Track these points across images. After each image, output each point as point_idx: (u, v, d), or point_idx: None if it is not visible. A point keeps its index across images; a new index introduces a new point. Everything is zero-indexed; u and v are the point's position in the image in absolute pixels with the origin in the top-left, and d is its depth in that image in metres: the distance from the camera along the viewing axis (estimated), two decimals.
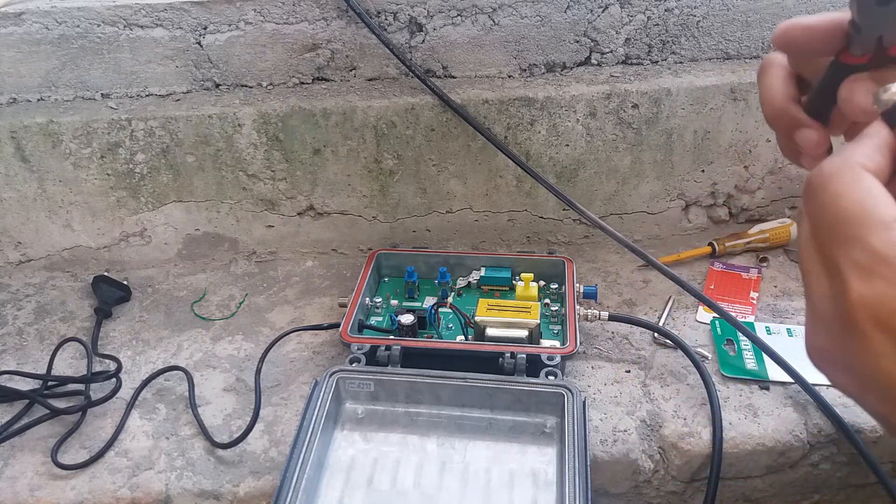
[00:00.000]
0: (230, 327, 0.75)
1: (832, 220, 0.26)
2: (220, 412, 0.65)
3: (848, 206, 0.26)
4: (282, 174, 0.79)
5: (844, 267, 0.25)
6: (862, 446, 0.60)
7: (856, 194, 0.26)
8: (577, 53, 0.79)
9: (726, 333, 0.70)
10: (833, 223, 0.26)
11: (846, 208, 0.26)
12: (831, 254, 0.26)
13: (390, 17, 0.75)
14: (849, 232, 0.25)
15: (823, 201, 0.26)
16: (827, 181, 0.27)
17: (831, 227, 0.26)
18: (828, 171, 0.27)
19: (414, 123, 0.76)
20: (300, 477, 0.52)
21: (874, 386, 0.25)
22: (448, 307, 0.70)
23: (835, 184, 0.26)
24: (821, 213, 0.27)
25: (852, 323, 0.25)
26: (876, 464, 0.60)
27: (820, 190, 0.27)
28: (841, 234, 0.26)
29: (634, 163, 0.80)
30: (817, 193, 0.27)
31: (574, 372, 0.67)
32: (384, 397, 0.61)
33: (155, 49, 0.75)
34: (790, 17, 0.84)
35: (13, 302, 0.80)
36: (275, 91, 0.78)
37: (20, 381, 0.68)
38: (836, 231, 0.26)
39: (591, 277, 0.80)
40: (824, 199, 0.26)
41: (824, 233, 0.27)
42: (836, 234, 0.26)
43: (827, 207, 0.26)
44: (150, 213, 0.81)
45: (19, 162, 0.77)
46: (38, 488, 0.58)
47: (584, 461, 0.53)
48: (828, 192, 0.26)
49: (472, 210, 0.83)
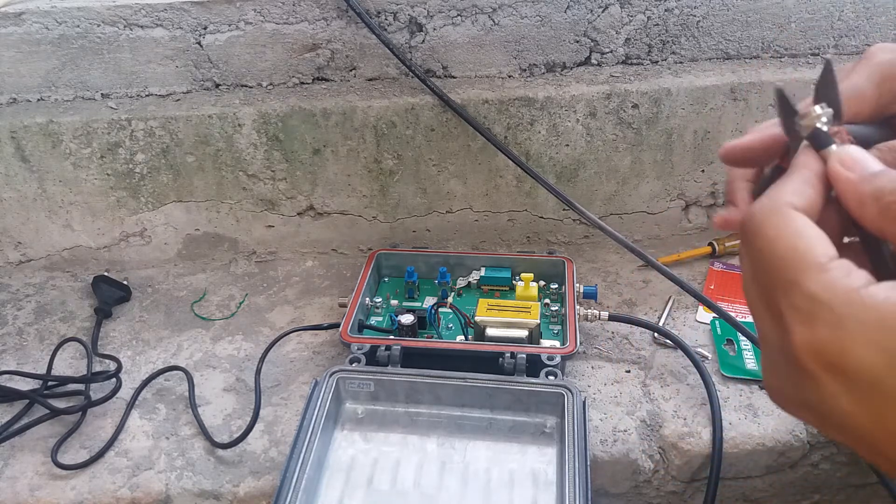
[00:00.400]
0: (230, 327, 0.75)
1: (768, 265, 0.26)
2: (220, 412, 0.65)
3: (781, 251, 0.25)
4: (282, 174, 0.79)
5: (786, 312, 0.25)
6: None
7: (787, 238, 0.25)
8: (577, 53, 0.79)
9: (726, 333, 0.70)
10: (769, 269, 0.26)
11: (779, 254, 0.25)
12: (772, 298, 0.26)
13: (390, 17, 0.75)
14: (785, 277, 0.25)
15: (758, 246, 0.26)
16: (759, 226, 0.26)
17: (768, 272, 0.26)
18: (759, 216, 0.27)
19: (414, 123, 0.76)
20: (300, 477, 0.52)
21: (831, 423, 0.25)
22: (448, 307, 0.70)
23: (766, 228, 0.26)
24: (758, 256, 0.26)
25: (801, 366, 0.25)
26: None
27: (753, 235, 0.27)
28: (778, 279, 0.25)
29: (634, 163, 0.80)
30: (751, 238, 0.27)
31: (574, 372, 0.67)
32: (384, 397, 0.61)
33: (155, 49, 0.75)
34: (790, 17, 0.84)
35: (13, 302, 0.80)
36: (275, 91, 0.78)
37: (20, 381, 0.68)
38: (773, 276, 0.26)
39: (591, 277, 0.80)
40: (758, 244, 0.26)
41: (762, 277, 0.26)
42: (774, 280, 0.26)
43: (762, 253, 0.26)
44: (150, 213, 0.81)
45: (19, 162, 0.77)
46: (38, 488, 0.58)
47: (584, 461, 0.53)
48: (760, 237, 0.26)
49: (472, 210, 0.83)
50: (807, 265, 0.25)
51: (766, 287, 0.26)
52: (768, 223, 0.26)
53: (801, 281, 0.24)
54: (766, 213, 0.26)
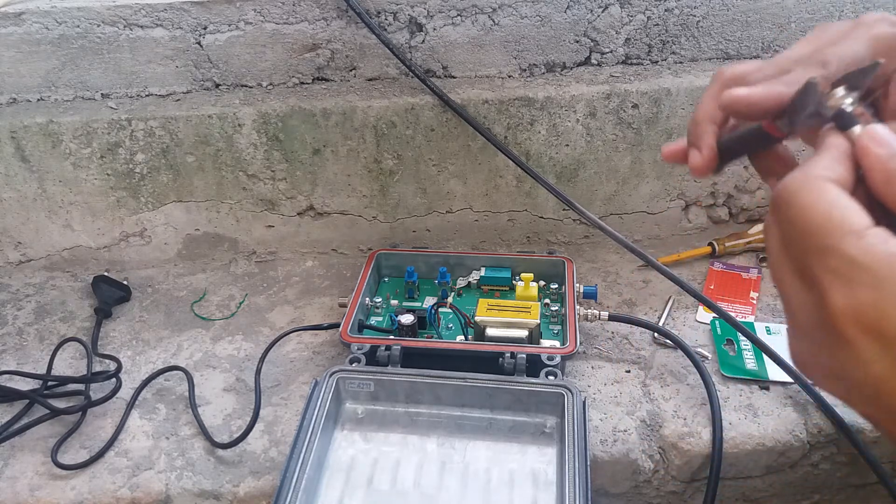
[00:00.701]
0: (230, 327, 0.75)
1: (802, 232, 0.26)
2: (220, 412, 0.65)
3: (816, 218, 0.26)
4: (282, 174, 0.79)
5: (823, 277, 0.25)
6: (862, 446, 0.60)
7: (822, 206, 0.26)
8: (577, 53, 0.79)
9: (726, 333, 0.70)
10: (804, 235, 0.26)
11: (815, 220, 0.26)
12: (806, 265, 0.26)
13: (390, 17, 0.75)
14: (821, 243, 0.25)
15: (791, 216, 0.27)
16: (793, 196, 0.27)
17: (802, 239, 0.26)
18: (792, 186, 0.27)
19: (414, 123, 0.76)
20: (300, 477, 0.52)
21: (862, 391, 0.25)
22: (448, 307, 0.70)
23: (801, 198, 0.26)
24: (790, 227, 0.27)
25: (837, 331, 0.25)
26: (876, 464, 0.60)
27: (786, 205, 0.27)
28: (813, 245, 0.26)
29: (634, 163, 0.80)
30: (784, 209, 0.27)
31: (574, 372, 0.67)
32: (384, 397, 0.61)
33: (155, 49, 0.75)
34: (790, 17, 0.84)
35: (13, 302, 0.80)
36: (275, 91, 0.78)
37: (20, 381, 0.68)
38: (808, 243, 0.26)
39: (591, 277, 0.80)
40: (791, 213, 0.27)
41: (796, 246, 0.26)
42: (809, 246, 0.26)
43: (795, 221, 0.26)
44: (150, 213, 0.81)
45: (19, 162, 0.77)
46: (38, 488, 0.58)
47: (584, 461, 0.53)
48: (794, 206, 0.27)
49: (472, 210, 0.83)
50: (844, 231, 0.25)
51: (800, 255, 0.26)
52: (803, 192, 0.26)
53: (840, 245, 0.25)
54: (801, 183, 0.27)
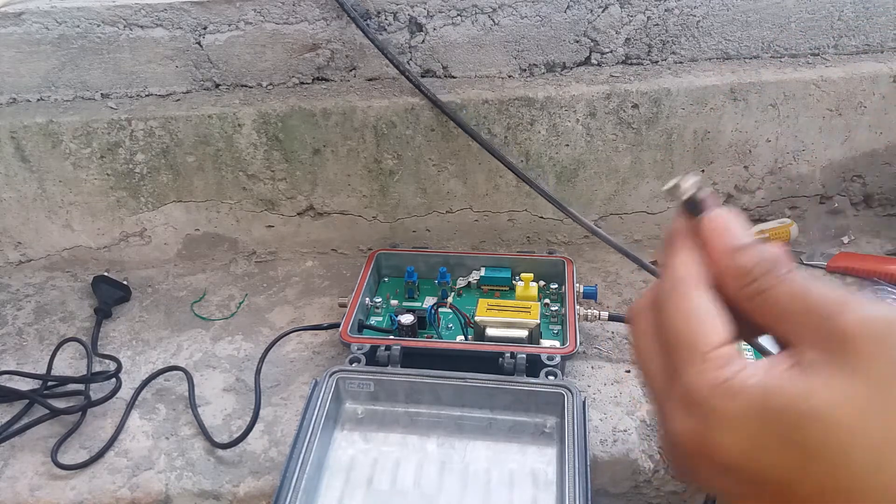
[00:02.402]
0: (230, 327, 0.75)
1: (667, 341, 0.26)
2: (220, 412, 0.65)
3: (674, 332, 0.26)
4: (282, 174, 0.79)
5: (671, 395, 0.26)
6: None
7: (681, 318, 0.26)
8: (577, 53, 0.79)
9: None
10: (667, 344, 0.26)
11: (673, 333, 0.26)
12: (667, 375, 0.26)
13: (390, 17, 0.75)
14: (675, 359, 0.26)
15: (661, 324, 0.27)
16: (663, 302, 0.27)
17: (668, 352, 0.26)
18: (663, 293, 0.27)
19: (414, 123, 0.76)
20: (300, 477, 0.52)
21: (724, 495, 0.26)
22: (448, 307, 0.70)
23: (668, 306, 0.26)
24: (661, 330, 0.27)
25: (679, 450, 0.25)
26: None
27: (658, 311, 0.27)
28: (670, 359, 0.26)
29: (634, 163, 0.80)
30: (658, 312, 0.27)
31: (574, 372, 0.67)
32: (384, 397, 0.61)
33: (155, 49, 0.75)
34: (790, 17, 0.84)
35: (13, 302, 0.80)
36: (275, 91, 0.78)
37: (20, 381, 0.68)
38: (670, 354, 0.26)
39: (591, 277, 0.80)
40: (661, 318, 0.27)
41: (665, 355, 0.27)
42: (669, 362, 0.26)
43: (663, 327, 0.27)
44: (150, 213, 0.81)
45: (19, 162, 0.77)
46: (38, 488, 0.58)
47: (584, 461, 0.53)
48: (664, 311, 0.27)
49: (472, 210, 0.83)
50: (690, 355, 0.25)
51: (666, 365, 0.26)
52: (669, 302, 0.27)
53: (683, 371, 0.25)
54: (668, 291, 0.27)
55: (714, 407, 0.24)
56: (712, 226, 0.28)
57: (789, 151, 0.82)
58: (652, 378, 0.28)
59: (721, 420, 0.24)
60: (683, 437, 0.25)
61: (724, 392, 0.24)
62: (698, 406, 0.24)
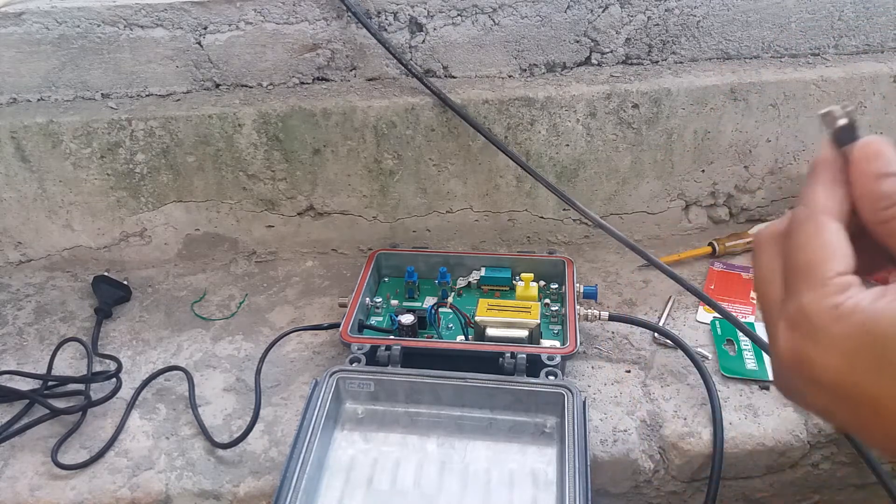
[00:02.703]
0: (230, 327, 0.75)
1: (794, 266, 0.28)
2: (220, 412, 0.65)
3: (803, 259, 0.27)
4: (282, 174, 0.79)
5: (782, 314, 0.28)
6: (862, 446, 0.60)
7: (812, 248, 0.27)
8: (577, 53, 0.79)
9: (726, 333, 0.70)
10: (793, 270, 0.28)
11: (804, 259, 0.27)
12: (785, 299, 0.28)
13: (390, 17, 0.75)
14: (797, 283, 0.27)
15: (790, 247, 0.28)
16: (794, 231, 0.28)
17: (790, 276, 0.28)
18: (799, 219, 0.28)
19: (414, 123, 0.76)
20: (300, 477, 0.52)
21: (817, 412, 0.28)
22: (448, 307, 0.70)
23: (799, 235, 0.28)
24: (788, 256, 0.28)
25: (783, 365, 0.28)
26: (876, 464, 0.60)
27: (789, 237, 0.28)
28: (793, 285, 0.27)
29: (634, 163, 0.80)
30: (789, 239, 0.29)
31: (574, 372, 0.67)
32: (384, 397, 0.61)
33: (155, 49, 0.75)
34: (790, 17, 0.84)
35: (13, 302, 0.80)
36: (275, 91, 0.78)
37: (20, 381, 0.68)
38: (790, 281, 0.28)
39: (591, 277, 0.80)
40: (792, 245, 0.28)
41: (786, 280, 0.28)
42: (790, 285, 0.28)
43: (792, 254, 0.28)
44: (150, 213, 0.81)
45: (19, 162, 0.77)
46: (38, 488, 0.58)
47: (584, 461, 0.53)
48: (796, 239, 0.28)
49: (472, 210, 0.83)
50: (811, 279, 0.27)
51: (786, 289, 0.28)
52: (802, 230, 0.28)
53: (802, 292, 0.27)
54: (802, 220, 0.28)
55: (819, 327, 0.26)
56: (864, 151, 0.28)
57: (789, 151, 0.82)
58: (769, 300, 0.29)
59: (822, 340, 0.25)
60: (785, 354, 0.27)
61: (833, 315, 0.25)
62: (804, 325, 0.26)
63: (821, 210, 0.28)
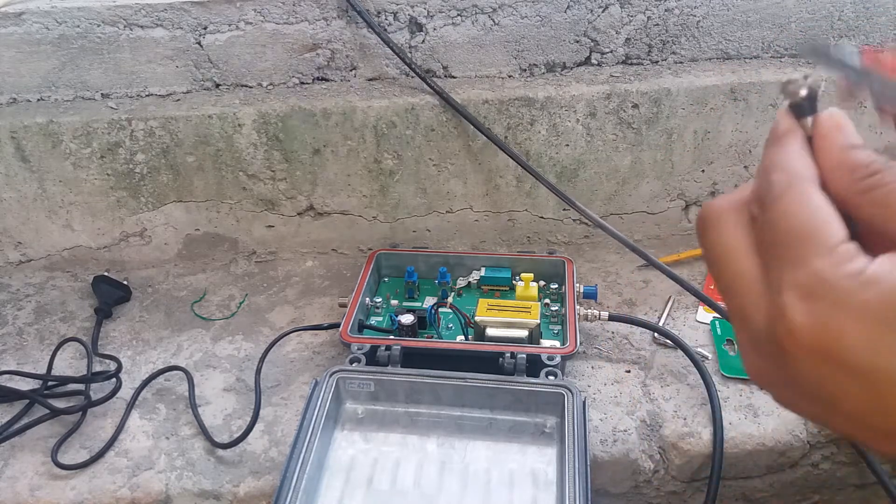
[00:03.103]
0: (230, 327, 0.75)
1: (781, 238, 0.25)
2: (220, 412, 0.65)
3: (796, 228, 0.25)
4: (282, 174, 0.79)
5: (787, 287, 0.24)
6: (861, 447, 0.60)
7: (804, 215, 0.25)
8: (577, 53, 0.79)
9: (726, 333, 0.70)
10: (781, 242, 0.25)
11: (794, 230, 0.25)
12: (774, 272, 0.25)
13: (390, 17, 0.75)
14: (796, 253, 0.24)
15: (773, 218, 0.26)
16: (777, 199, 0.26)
17: (779, 245, 0.25)
18: (777, 188, 0.26)
19: (414, 123, 0.76)
20: (300, 477, 0.52)
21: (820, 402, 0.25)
22: (448, 307, 0.70)
23: (784, 203, 0.25)
24: (769, 229, 0.26)
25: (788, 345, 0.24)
26: (876, 464, 0.60)
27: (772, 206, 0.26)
28: (788, 254, 0.25)
29: (634, 163, 0.80)
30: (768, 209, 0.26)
31: (574, 372, 0.67)
32: (384, 397, 0.61)
33: (155, 49, 0.75)
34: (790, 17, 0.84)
35: (13, 302, 0.80)
36: (275, 91, 0.78)
37: (20, 381, 0.68)
38: (784, 251, 0.25)
39: (591, 277, 0.80)
40: (774, 215, 0.26)
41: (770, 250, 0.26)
42: (783, 254, 0.25)
43: (776, 225, 0.25)
44: (150, 213, 0.81)
45: (19, 162, 0.77)
46: (38, 488, 0.58)
47: (584, 461, 0.53)
48: (779, 209, 0.25)
49: (472, 210, 0.83)
50: (817, 245, 0.24)
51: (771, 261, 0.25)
52: (786, 197, 0.25)
53: (812, 259, 0.24)
54: (786, 186, 0.26)
55: (846, 295, 0.23)
56: (830, 123, 0.27)
57: None
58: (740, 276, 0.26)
59: (852, 308, 0.23)
60: (802, 331, 0.24)
61: (861, 281, 0.23)
62: (829, 294, 0.23)
63: (799, 175, 0.26)
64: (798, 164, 0.26)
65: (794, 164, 0.26)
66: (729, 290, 0.27)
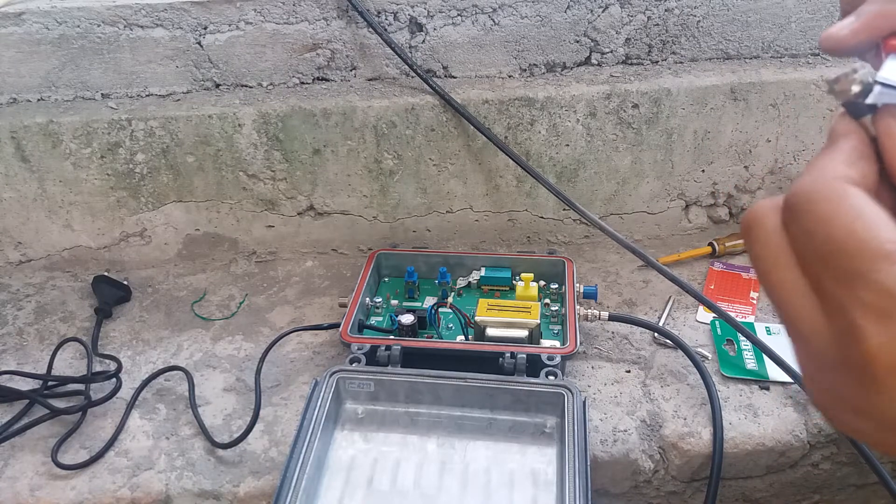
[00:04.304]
0: (230, 327, 0.75)
1: (823, 251, 0.22)
2: (220, 412, 0.65)
3: (839, 235, 0.22)
4: (282, 174, 0.79)
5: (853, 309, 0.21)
6: (862, 446, 0.60)
7: (845, 218, 0.22)
8: (577, 53, 0.79)
9: (726, 333, 0.70)
10: (825, 254, 0.22)
11: (838, 237, 0.22)
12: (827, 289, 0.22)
13: (391, 17, 0.75)
14: (848, 266, 0.21)
15: (808, 228, 0.23)
16: (809, 203, 0.23)
17: (824, 258, 0.22)
18: (808, 191, 0.23)
19: (414, 123, 0.76)
20: (300, 477, 0.52)
21: None
22: (448, 307, 0.70)
23: (819, 207, 0.22)
24: (807, 240, 0.23)
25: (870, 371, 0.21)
26: (876, 464, 0.60)
27: (803, 213, 0.23)
28: (837, 267, 0.22)
29: (634, 163, 0.80)
30: (800, 218, 0.23)
31: (574, 372, 0.67)
32: (384, 397, 0.61)
33: (155, 49, 0.75)
34: (790, 17, 0.84)
35: (13, 302, 0.80)
36: (275, 91, 0.78)
37: (20, 381, 0.68)
38: (832, 264, 0.22)
39: (591, 277, 0.80)
40: (809, 225, 0.23)
41: (815, 264, 0.23)
42: (833, 268, 0.22)
43: (814, 235, 0.22)
44: (150, 213, 0.81)
45: (19, 162, 0.77)
46: (39, 488, 0.58)
47: (584, 461, 0.53)
48: (812, 216, 0.22)
49: (472, 210, 0.83)
50: (873, 253, 0.21)
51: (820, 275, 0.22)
52: (822, 200, 0.22)
53: (871, 273, 0.21)
54: (818, 188, 0.23)
55: None
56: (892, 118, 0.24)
57: (789, 151, 0.82)
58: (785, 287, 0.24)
59: None
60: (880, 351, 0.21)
61: None
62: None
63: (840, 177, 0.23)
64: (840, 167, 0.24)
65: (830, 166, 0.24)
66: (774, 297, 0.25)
